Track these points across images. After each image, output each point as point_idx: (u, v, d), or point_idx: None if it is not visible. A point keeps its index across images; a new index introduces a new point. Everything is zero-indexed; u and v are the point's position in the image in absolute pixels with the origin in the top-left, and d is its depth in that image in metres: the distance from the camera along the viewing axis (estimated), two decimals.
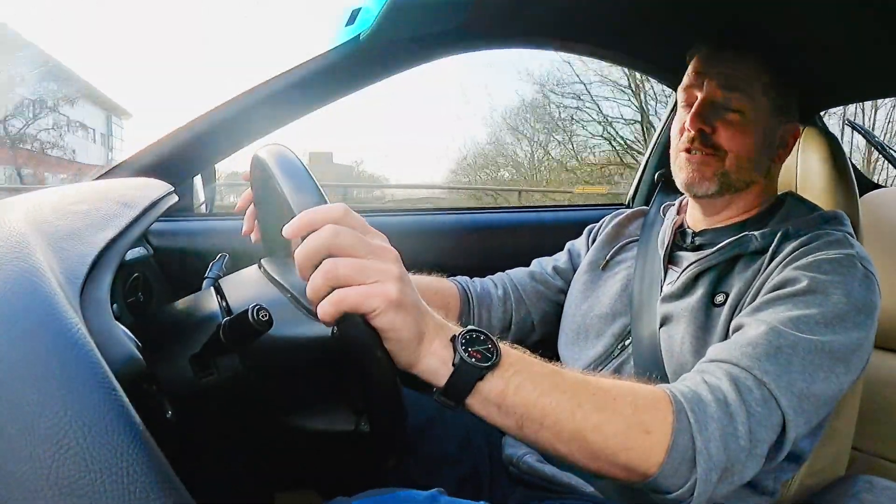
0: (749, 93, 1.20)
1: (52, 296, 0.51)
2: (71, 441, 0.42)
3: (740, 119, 1.20)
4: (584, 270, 1.44)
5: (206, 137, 1.55)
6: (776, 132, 1.23)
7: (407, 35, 1.50)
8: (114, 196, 0.92)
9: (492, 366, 0.77)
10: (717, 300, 1.13)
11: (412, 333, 0.74)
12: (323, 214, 0.73)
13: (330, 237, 0.71)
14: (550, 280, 1.51)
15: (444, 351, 0.77)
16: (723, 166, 1.21)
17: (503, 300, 1.46)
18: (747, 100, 1.20)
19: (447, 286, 1.43)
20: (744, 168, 1.21)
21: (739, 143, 1.20)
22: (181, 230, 1.66)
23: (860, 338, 1.00)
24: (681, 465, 0.83)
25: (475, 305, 1.42)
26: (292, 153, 0.84)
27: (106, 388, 0.46)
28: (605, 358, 1.27)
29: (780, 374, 0.91)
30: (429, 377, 0.77)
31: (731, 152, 1.20)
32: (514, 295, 1.47)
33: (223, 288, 0.95)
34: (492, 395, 0.78)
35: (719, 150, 1.21)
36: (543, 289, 1.49)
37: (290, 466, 1.18)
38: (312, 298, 0.71)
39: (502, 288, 1.47)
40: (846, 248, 1.07)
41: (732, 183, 1.22)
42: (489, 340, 0.78)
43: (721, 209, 1.28)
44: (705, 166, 1.22)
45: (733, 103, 1.20)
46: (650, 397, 0.86)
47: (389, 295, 0.71)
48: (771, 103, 1.21)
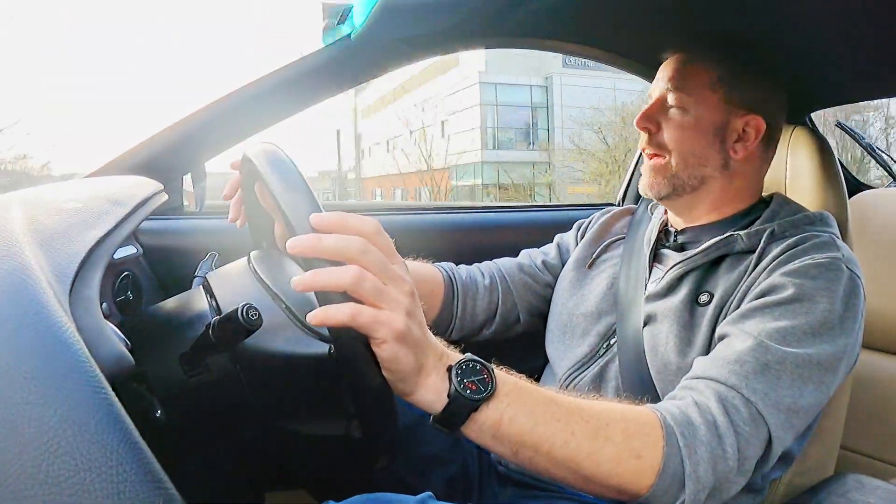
0: (691, 90, 1.21)
1: (40, 294, 0.51)
2: (60, 441, 0.41)
3: (682, 116, 1.21)
4: (571, 268, 1.44)
5: (196, 136, 1.55)
6: (730, 126, 1.21)
7: (397, 35, 1.49)
8: (103, 194, 0.91)
9: (486, 397, 0.78)
10: (702, 300, 1.13)
11: (411, 366, 0.74)
12: (358, 224, 0.73)
13: (360, 250, 0.71)
14: (539, 273, 1.50)
15: (440, 382, 0.77)
16: (670, 168, 1.22)
17: (489, 289, 1.45)
18: (689, 97, 1.21)
19: (432, 274, 1.42)
20: (690, 165, 1.21)
21: (680, 140, 1.21)
22: (171, 229, 1.65)
23: (847, 344, 1.00)
24: (670, 486, 0.85)
25: (459, 294, 1.42)
26: (281, 151, 0.84)
27: (95, 387, 0.46)
28: (590, 357, 1.27)
29: (767, 393, 0.92)
30: (424, 407, 0.78)
31: (673, 151, 1.21)
32: (501, 285, 1.47)
33: (212, 285, 0.95)
34: (486, 424, 0.79)
35: (663, 149, 1.22)
36: (531, 281, 1.49)
37: (280, 467, 1.18)
38: (318, 285, 0.70)
39: (489, 277, 1.47)
40: (832, 251, 1.07)
41: (684, 182, 1.22)
42: (485, 370, 0.79)
43: (686, 209, 1.28)
44: (655, 171, 1.24)
45: (676, 101, 1.21)
46: (641, 421, 0.87)
47: (397, 327, 0.71)
48: (722, 97, 1.20)
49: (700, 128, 1.20)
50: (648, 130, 1.24)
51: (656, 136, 1.23)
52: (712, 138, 1.21)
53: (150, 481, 0.43)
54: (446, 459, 1.30)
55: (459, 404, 0.77)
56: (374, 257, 0.72)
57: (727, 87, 1.20)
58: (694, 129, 1.20)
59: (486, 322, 1.46)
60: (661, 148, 1.23)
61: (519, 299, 1.47)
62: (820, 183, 1.35)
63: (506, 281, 1.47)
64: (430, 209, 2.09)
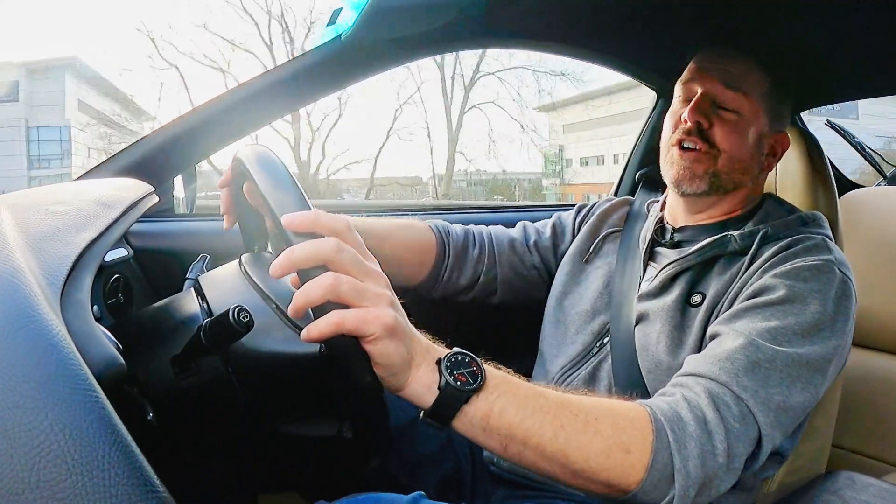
0: (748, 95, 1.19)
1: (31, 297, 0.51)
2: (52, 444, 0.41)
3: (737, 119, 1.19)
4: (569, 260, 1.44)
5: (186, 138, 1.54)
6: (767, 140, 1.22)
7: (389, 35, 1.49)
8: (94, 197, 0.91)
9: (476, 389, 0.78)
10: (694, 300, 1.13)
11: (402, 359, 0.74)
12: (329, 223, 0.74)
13: (333, 251, 0.71)
14: (527, 255, 1.50)
15: (430, 375, 0.77)
16: (714, 165, 1.19)
17: (475, 262, 1.46)
18: (746, 101, 1.19)
19: (426, 242, 1.42)
20: (735, 170, 1.19)
21: (734, 142, 1.18)
22: (161, 231, 1.65)
23: (837, 345, 1.00)
24: (660, 482, 0.85)
25: (448, 265, 1.43)
26: (272, 152, 0.84)
27: (86, 390, 0.46)
28: (583, 356, 1.27)
29: (757, 390, 0.92)
30: (415, 400, 0.78)
31: (724, 151, 1.18)
32: (488, 259, 1.46)
33: (203, 288, 0.94)
34: (476, 417, 0.79)
35: (714, 146, 1.19)
36: (517, 261, 1.49)
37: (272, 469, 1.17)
38: (301, 305, 0.71)
39: (479, 248, 1.47)
40: (824, 253, 1.08)
41: (722, 184, 1.20)
42: (474, 362, 0.79)
43: (705, 208, 1.26)
44: (697, 164, 1.19)
45: (732, 103, 1.19)
46: (630, 416, 0.87)
47: (386, 321, 0.71)
48: (767, 109, 1.20)
49: (751, 135, 1.20)
50: (699, 125, 1.19)
51: (707, 131, 1.19)
52: (757, 147, 1.21)
53: (141, 484, 0.43)
54: (439, 460, 1.30)
55: (450, 396, 0.77)
56: (349, 256, 0.72)
57: (773, 100, 1.21)
58: (747, 136, 1.19)
59: (466, 288, 1.47)
60: (710, 144, 1.19)
61: (500, 274, 1.47)
62: (810, 182, 1.35)
63: (493, 255, 1.47)
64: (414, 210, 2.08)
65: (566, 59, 1.82)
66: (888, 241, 1.79)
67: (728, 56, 1.22)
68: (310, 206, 0.77)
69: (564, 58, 1.88)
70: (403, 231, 1.39)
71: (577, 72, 16.89)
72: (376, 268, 0.76)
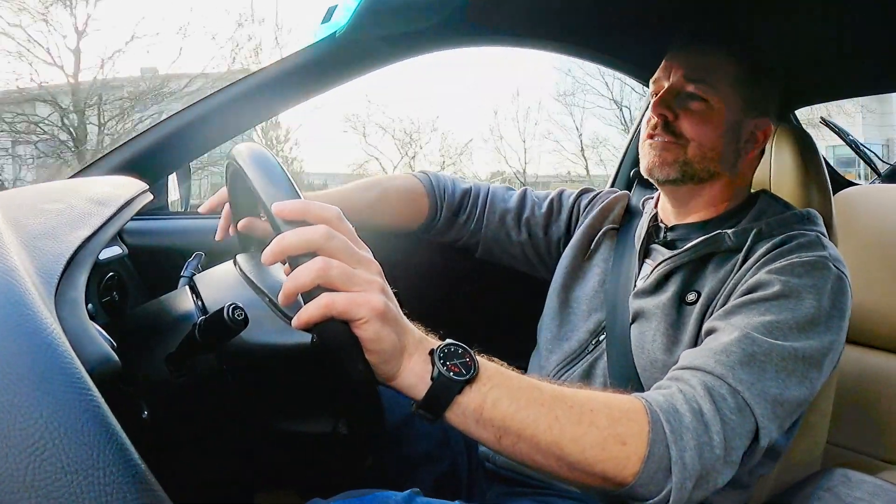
0: (714, 84, 1.20)
1: (26, 296, 0.51)
2: (46, 443, 0.41)
3: (704, 108, 1.20)
4: (569, 254, 1.44)
5: (180, 135, 1.54)
6: (744, 126, 1.22)
7: (383, 33, 1.49)
8: (88, 194, 0.91)
9: (469, 379, 0.77)
10: (689, 298, 1.14)
11: (394, 346, 0.74)
12: (319, 211, 0.74)
13: (324, 237, 0.71)
14: (514, 230, 1.56)
15: (423, 365, 0.77)
16: (684, 154, 1.20)
17: (462, 226, 1.56)
18: (712, 90, 1.20)
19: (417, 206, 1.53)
20: (707, 158, 1.20)
21: (701, 131, 1.19)
22: (156, 229, 1.64)
23: (832, 341, 1.01)
24: (656, 474, 0.84)
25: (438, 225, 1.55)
26: (266, 150, 0.84)
27: (81, 388, 0.45)
28: (579, 354, 1.27)
29: (753, 383, 0.92)
30: (407, 391, 0.77)
31: (693, 140, 1.20)
32: (475, 224, 1.56)
33: (198, 286, 0.94)
34: (469, 408, 0.78)
35: (681, 137, 1.20)
36: (503, 235, 1.56)
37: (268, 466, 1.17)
38: (291, 290, 0.71)
39: (468, 214, 1.56)
40: (819, 249, 1.08)
41: (695, 172, 1.21)
42: (467, 353, 0.79)
43: (685, 199, 1.27)
44: (666, 151, 1.21)
45: (698, 93, 1.20)
46: (626, 408, 0.87)
47: (376, 305, 0.71)
48: (740, 96, 1.20)
49: (721, 122, 1.20)
50: (665, 117, 1.21)
51: (673, 123, 1.21)
52: (731, 136, 1.21)
53: (137, 483, 0.43)
54: (435, 458, 1.30)
55: (443, 387, 0.76)
56: (339, 243, 0.72)
57: (746, 87, 1.21)
58: (714, 124, 1.20)
59: (452, 241, 1.60)
60: (677, 135, 1.21)
61: (483, 241, 1.57)
62: (804, 180, 1.36)
63: (481, 222, 1.55)
64: None
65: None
66: (882, 238, 1.80)
67: (694, 48, 1.24)
68: (301, 197, 0.77)
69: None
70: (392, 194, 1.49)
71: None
72: (368, 255, 0.76)
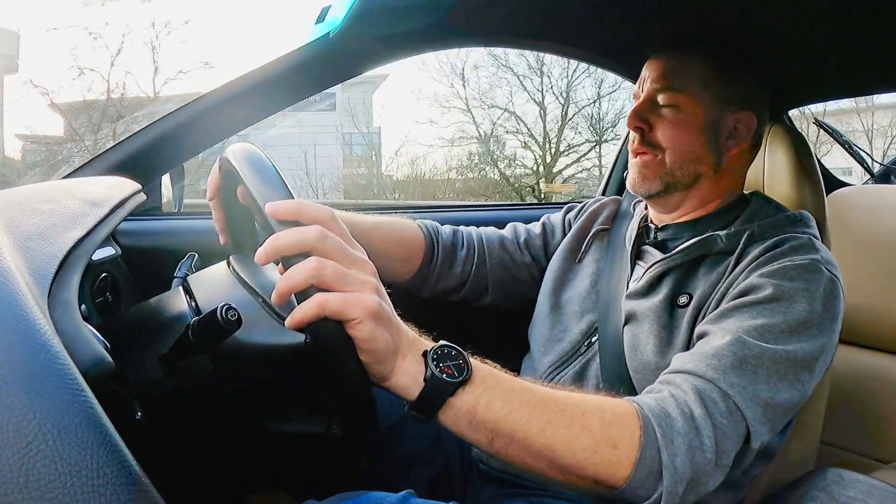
0: (684, 87, 1.21)
1: (19, 296, 0.51)
2: (40, 444, 0.41)
3: (675, 114, 1.21)
4: (560, 258, 1.44)
5: (174, 135, 1.54)
6: (723, 123, 1.22)
7: (377, 33, 1.49)
8: (81, 195, 0.91)
9: (462, 381, 0.78)
10: (681, 301, 1.14)
11: (387, 346, 0.74)
12: (313, 212, 0.74)
13: (317, 238, 0.72)
14: (517, 254, 1.50)
15: (416, 366, 0.77)
16: (665, 166, 1.22)
17: (464, 261, 1.46)
18: (682, 95, 1.20)
19: (414, 239, 1.43)
20: (686, 161, 1.21)
21: (675, 138, 1.21)
22: (149, 229, 1.64)
23: (824, 344, 1.01)
24: (647, 478, 0.85)
25: (437, 264, 1.44)
26: (259, 150, 0.84)
27: (74, 389, 0.45)
28: (571, 355, 1.27)
29: (745, 386, 0.92)
30: (400, 392, 0.78)
31: (668, 149, 1.21)
32: (477, 258, 1.47)
33: (192, 287, 0.94)
34: (462, 410, 0.79)
35: (657, 147, 1.22)
36: (508, 259, 1.49)
37: (262, 468, 1.17)
38: (285, 290, 0.71)
39: (467, 248, 1.47)
40: (811, 252, 1.08)
41: (678, 180, 1.22)
42: (460, 356, 0.79)
43: (674, 206, 1.28)
44: (646, 168, 1.23)
45: (668, 100, 1.21)
46: (618, 412, 0.87)
47: (370, 305, 0.72)
48: (713, 93, 1.21)
49: (695, 125, 1.21)
50: (641, 130, 1.23)
51: (648, 134, 1.23)
52: (707, 136, 1.21)
53: (130, 483, 0.43)
54: (428, 459, 1.30)
55: (436, 388, 0.77)
56: (333, 243, 0.73)
57: (719, 84, 1.21)
58: (689, 127, 1.21)
59: (456, 288, 1.47)
60: (654, 147, 1.22)
61: (491, 273, 1.48)
62: (798, 180, 1.36)
63: (483, 254, 1.48)
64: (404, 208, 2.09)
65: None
66: (876, 239, 1.80)
67: (664, 54, 1.25)
68: (294, 197, 0.77)
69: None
70: (391, 226, 1.39)
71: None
72: (362, 256, 0.77)
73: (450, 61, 13.45)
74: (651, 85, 1.24)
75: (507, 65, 13.36)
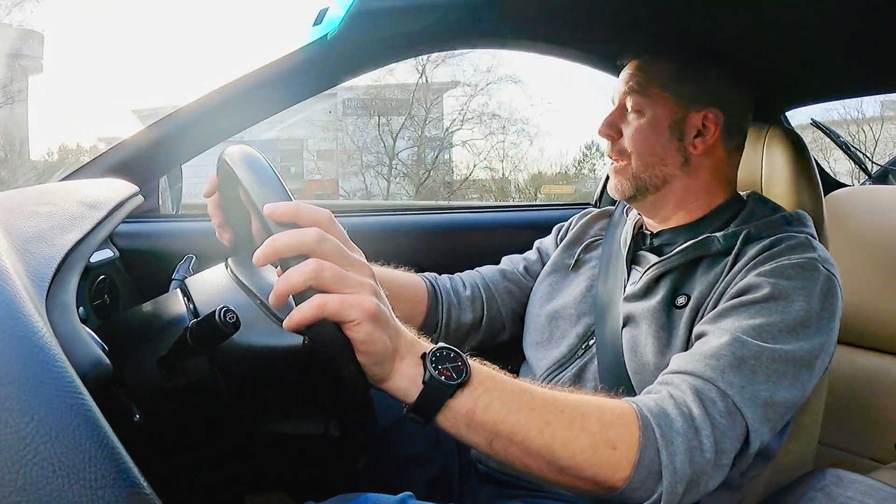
0: (644, 90, 1.23)
1: (16, 299, 0.51)
2: (38, 446, 0.41)
3: (638, 119, 1.24)
4: (549, 271, 1.44)
5: (172, 138, 1.54)
6: (687, 122, 1.23)
7: (375, 35, 1.49)
8: (79, 197, 0.91)
9: (461, 383, 0.78)
10: (679, 302, 1.14)
11: (385, 348, 0.74)
12: (311, 214, 0.74)
13: (316, 240, 0.72)
14: (522, 279, 1.50)
15: (415, 368, 0.77)
16: (630, 169, 1.24)
17: (471, 300, 1.45)
18: (642, 98, 1.23)
19: (416, 282, 1.41)
20: (650, 164, 1.23)
21: (638, 142, 1.23)
22: (147, 232, 1.64)
23: (823, 342, 1.01)
24: (647, 478, 0.85)
25: (444, 304, 1.41)
26: (257, 152, 0.84)
27: (72, 391, 0.45)
28: (569, 358, 1.27)
29: (743, 386, 0.93)
30: (399, 394, 0.78)
31: (633, 152, 1.24)
32: (485, 294, 1.46)
33: (190, 289, 0.94)
34: (461, 412, 0.79)
35: (624, 154, 1.25)
36: (515, 288, 1.48)
37: (260, 469, 1.17)
38: (283, 291, 0.71)
39: (471, 288, 1.46)
40: (808, 251, 1.08)
41: (646, 182, 1.24)
42: (459, 357, 0.79)
43: (654, 210, 1.29)
44: (618, 174, 1.27)
45: (633, 105, 1.24)
46: (617, 413, 0.87)
47: (368, 307, 0.71)
48: (674, 93, 1.22)
49: (656, 127, 1.23)
50: (611, 137, 1.27)
51: (618, 142, 1.26)
52: (669, 136, 1.23)
53: (128, 486, 0.43)
54: (427, 460, 1.30)
55: (435, 391, 0.77)
56: (331, 245, 0.73)
57: (678, 84, 1.22)
58: (650, 130, 1.23)
59: (471, 331, 1.45)
60: (622, 154, 1.25)
61: (503, 307, 1.47)
62: (796, 181, 1.36)
63: (489, 289, 1.47)
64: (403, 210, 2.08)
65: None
66: (873, 239, 1.81)
67: (630, 61, 1.29)
68: (292, 199, 0.77)
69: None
70: (390, 272, 1.38)
71: None
72: (360, 258, 0.77)
73: None
74: (621, 91, 1.27)
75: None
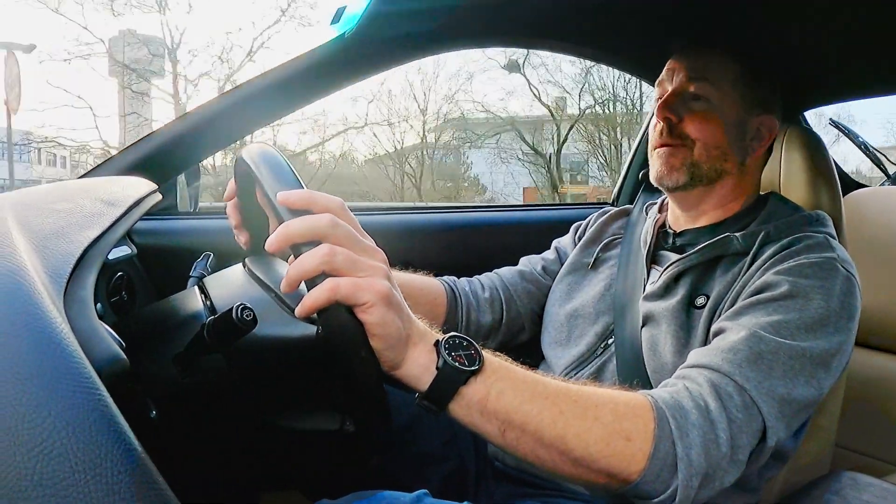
0: (715, 82, 1.21)
1: (35, 295, 0.51)
2: (55, 442, 0.41)
3: (706, 108, 1.21)
4: (567, 271, 1.44)
5: (190, 136, 1.54)
6: (748, 124, 1.23)
7: (392, 34, 1.49)
8: (98, 194, 0.91)
9: (475, 371, 0.78)
10: (698, 302, 1.13)
11: (399, 332, 0.74)
12: (324, 201, 0.75)
13: (329, 225, 0.72)
14: (540, 279, 1.49)
15: (428, 355, 0.77)
16: (691, 156, 1.21)
17: (490, 302, 1.44)
18: (714, 89, 1.21)
19: (434, 285, 1.41)
20: (713, 157, 1.21)
21: (706, 131, 1.20)
22: (165, 229, 1.65)
23: (841, 342, 1.00)
24: (662, 471, 0.84)
25: (463, 306, 1.41)
26: (275, 150, 0.84)
27: (89, 388, 0.46)
28: (587, 357, 1.27)
29: (761, 381, 0.92)
30: (411, 381, 0.78)
31: (698, 141, 1.21)
32: (503, 295, 1.45)
33: (207, 287, 0.95)
34: (474, 400, 0.78)
35: (686, 139, 1.21)
36: (534, 288, 1.48)
37: (275, 466, 1.17)
38: (295, 276, 0.72)
39: (489, 290, 1.45)
40: (827, 251, 1.07)
41: (703, 173, 1.21)
42: (472, 346, 0.79)
43: (695, 203, 1.27)
44: (673, 157, 1.22)
45: (700, 93, 1.22)
46: (631, 404, 0.86)
47: (381, 290, 0.72)
48: (741, 94, 1.22)
49: (726, 123, 1.21)
50: (669, 121, 1.22)
51: (677, 126, 1.22)
52: (735, 134, 1.22)
53: (144, 482, 0.43)
54: (442, 457, 1.30)
55: (448, 377, 0.77)
56: (343, 230, 0.73)
57: (745, 86, 1.22)
58: (718, 122, 1.21)
59: (490, 332, 1.44)
60: (682, 138, 1.22)
61: (523, 308, 1.46)
62: (814, 182, 1.35)
63: (508, 291, 1.46)
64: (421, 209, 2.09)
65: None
66: (892, 241, 1.79)
67: (696, 49, 1.26)
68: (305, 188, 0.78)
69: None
70: (409, 276, 1.37)
71: None
72: (372, 244, 0.77)
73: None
74: (682, 77, 1.24)
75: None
